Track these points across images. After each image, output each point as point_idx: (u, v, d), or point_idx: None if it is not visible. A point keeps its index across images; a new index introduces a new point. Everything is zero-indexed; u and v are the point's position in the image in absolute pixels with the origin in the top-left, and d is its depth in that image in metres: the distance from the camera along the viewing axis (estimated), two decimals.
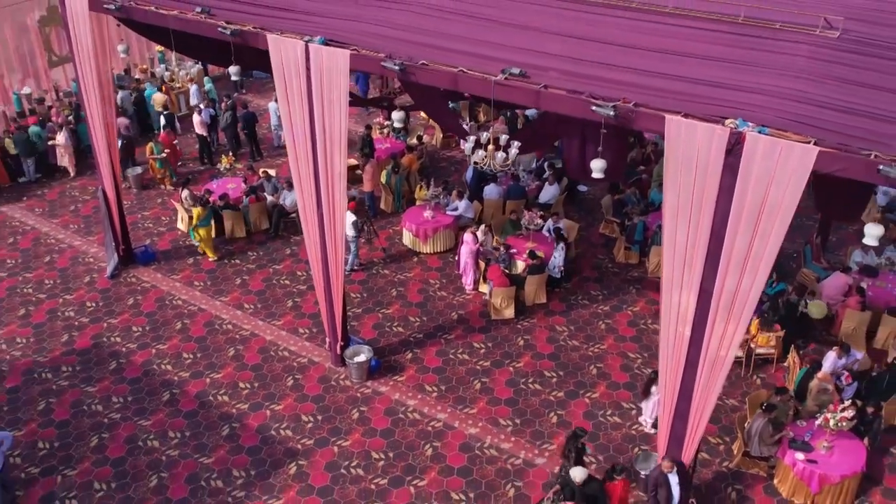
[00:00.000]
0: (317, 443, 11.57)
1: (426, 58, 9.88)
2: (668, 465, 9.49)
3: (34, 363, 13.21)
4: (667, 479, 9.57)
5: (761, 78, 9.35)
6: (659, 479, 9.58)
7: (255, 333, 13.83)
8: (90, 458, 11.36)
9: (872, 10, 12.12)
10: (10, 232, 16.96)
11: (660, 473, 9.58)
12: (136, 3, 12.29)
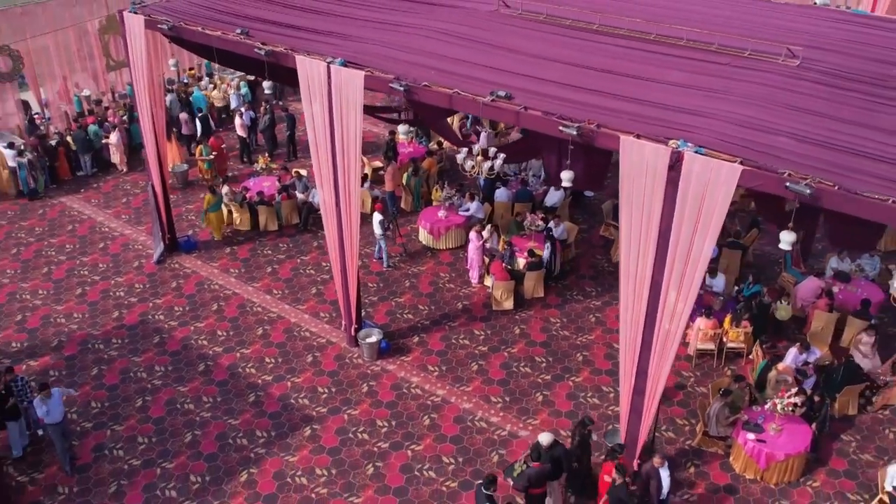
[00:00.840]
0: (329, 411, 13.24)
1: (430, 79, 11.48)
2: (659, 460, 10.72)
3: (88, 335, 15.10)
4: (658, 473, 10.77)
5: (718, 104, 10.77)
6: (651, 472, 10.77)
7: (282, 316, 15.56)
8: (135, 416, 13.18)
9: (834, 40, 13.41)
10: (69, 220, 18.96)
11: (651, 467, 10.78)
12: (185, 23, 14.09)
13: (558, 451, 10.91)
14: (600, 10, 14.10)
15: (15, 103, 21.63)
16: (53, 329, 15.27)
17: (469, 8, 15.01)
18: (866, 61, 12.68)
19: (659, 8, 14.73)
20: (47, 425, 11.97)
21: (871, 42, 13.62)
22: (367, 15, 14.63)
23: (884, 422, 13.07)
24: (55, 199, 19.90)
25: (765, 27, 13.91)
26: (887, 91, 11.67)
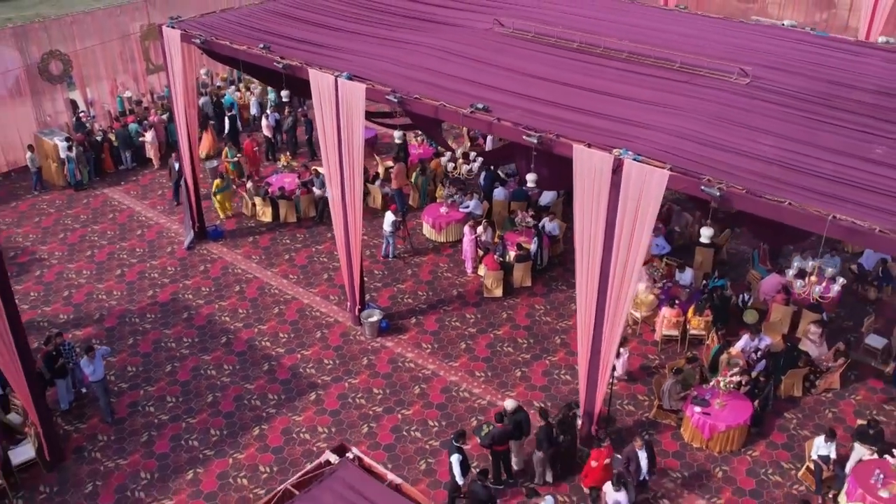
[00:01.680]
0: (333, 379, 15.12)
1: (422, 92, 13.30)
2: (639, 443, 12.18)
3: (126, 310, 17.15)
4: (637, 454, 12.21)
5: (665, 118, 12.45)
6: (630, 454, 12.23)
7: (296, 297, 17.48)
8: (165, 379, 15.17)
9: (789, 61, 14.99)
10: (111, 209, 21.08)
11: (631, 449, 12.23)
12: (215, 38, 16.07)
13: (520, 416, 12.65)
14: (582, 30, 15.87)
15: (64, 102, 23.85)
16: (95, 304, 17.35)
17: (468, 27, 16.85)
18: (817, 81, 14.24)
19: (634, 27, 16.48)
20: (92, 382, 13.98)
21: (825, 63, 15.18)
22: (376, 32, 16.53)
23: (825, 403, 14.61)
24: (98, 190, 22.05)
25: (727, 47, 15.56)
26: (832, 111, 13.19)
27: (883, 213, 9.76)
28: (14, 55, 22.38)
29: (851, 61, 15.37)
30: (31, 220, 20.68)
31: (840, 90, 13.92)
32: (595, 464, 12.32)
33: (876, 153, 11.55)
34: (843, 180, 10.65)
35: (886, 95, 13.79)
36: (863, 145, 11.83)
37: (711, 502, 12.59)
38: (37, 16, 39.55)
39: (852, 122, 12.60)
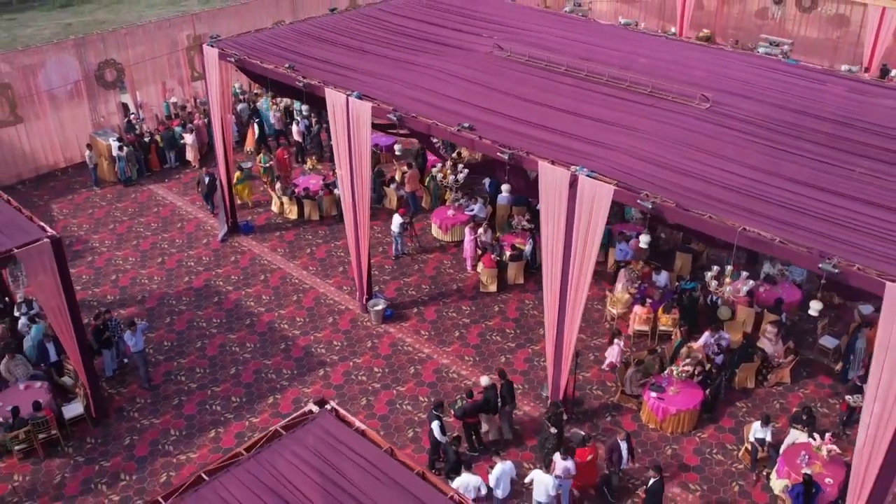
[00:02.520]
0: (340, 359, 17.27)
1: (420, 111, 15.37)
2: (621, 435, 13.85)
3: (164, 293, 19.54)
4: (619, 445, 13.63)
5: (624, 138, 14.33)
6: (613, 445, 13.92)
7: (313, 287, 19.69)
8: (195, 353, 17.48)
9: (756, 88, 16.71)
10: (155, 204, 23.55)
11: (615, 441, 13.94)
12: (248, 56, 18.34)
13: (490, 392, 14.63)
14: (573, 55, 17.80)
15: (116, 106, 26.43)
16: (138, 287, 19.76)
17: (471, 50, 18.87)
18: (776, 108, 15.94)
19: (622, 53, 18.32)
20: (133, 353, 16.34)
21: (789, 91, 16.86)
22: (388, 53, 18.65)
23: (775, 395, 16.33)
24: (145, 186, 24.56)
25: (703, 74, 17.34)
26: (783, 136, 14.89)
27: (790, 227, 11.54)
28: (74, 63, 24.99)
29: (815, 90, 16.99)
30: (85, 211, 23.25)
31: (797, 118, 15.56)
32: (579, 461, 13.64)
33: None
34: (763, 197, 12.42)
35: (842, 125, 15.33)
36: (799, 168, 13.55)
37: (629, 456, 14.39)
38: (94, 21, 42.61)
39: (799, 148, 14.27)
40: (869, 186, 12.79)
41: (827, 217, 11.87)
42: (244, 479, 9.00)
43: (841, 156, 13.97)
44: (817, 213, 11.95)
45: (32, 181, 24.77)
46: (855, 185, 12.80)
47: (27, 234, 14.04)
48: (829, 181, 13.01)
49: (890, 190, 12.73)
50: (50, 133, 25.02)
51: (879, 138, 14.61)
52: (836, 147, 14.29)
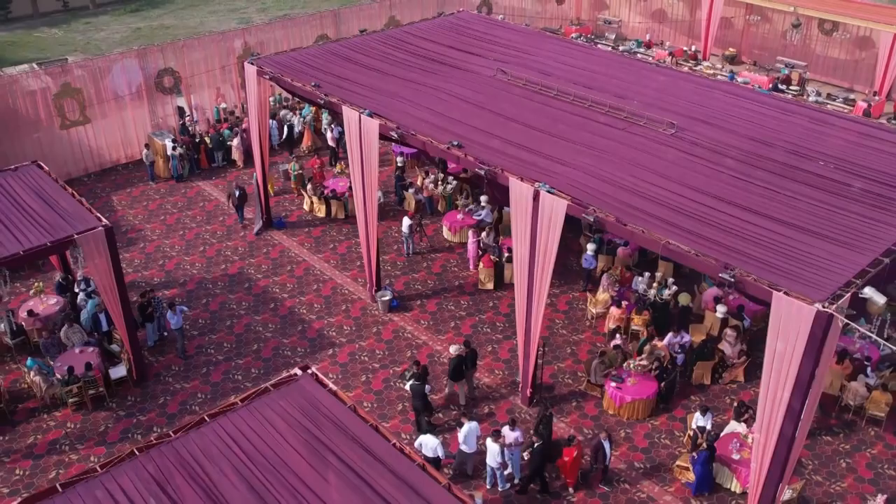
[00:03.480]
0: (347, 341, 19.79)
1: (420, 129, 17.76)
2: (604, 434, 15.81)
3: (203, 278, 22.35)
4: (602, 445, 15.36)
5: (589, 159, 16.47)
6: (598, 444, 15.81)
7: (332, 278, 22.26)
8: (224, 330, 20.21)
9: (725, 116, 18.60)
10: (201, 199, 26.48)
11: (598, 441, 15.81)
12: (281, 74, 21.00)
13: (456, 361, 16.97)
14: (566, 79, 19.98)
15: (173, 109, 29.48)
16: (181, 272, 22.64)
17: (478, 73, 21.19)
18: (739, 137, 17.77)
19: (612, 79, 20.42)
20: (172, 329, 19.13)
21: (754, 120, 18.67)
22: (403, 73, 21.10)
23: (728, 391, 18.25)
24: (194, 182, 27.53)
25: (681, 101, 19.30)
26: (741, 165, 16.74)
27: (708, 242, 13.58)
28: (137, 70, 28.10)
29: (780, 120, 18.74)
30: (140, 203, 26.31)
31: (754, 145, 17.39)
32: (567, 458, 15.53)
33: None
34: (695, 215, 14.45)
35: (797, 156, 17.10)
36: (737, 191, 15.50)
37: (616, 454, 16.53)
38: (160, 26, 46.15)
39: (747, 174, 16.09)
40: (795, 210, 14.68)
41: (745, 235, 13.84)
42: (236, 422, 11.55)
43: (786, 183, 15.80)
44: (738, 232, 13.93)
45: (97, 174, 27.97)
46: (781, 209, 14.70)
47: (86, 222, 16.90)
48: (761, 204, 14.92)
49: (817, 216, 14.55)
50: (114, 132, 28.19)
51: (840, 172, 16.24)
52: (782, 175, 16.12)
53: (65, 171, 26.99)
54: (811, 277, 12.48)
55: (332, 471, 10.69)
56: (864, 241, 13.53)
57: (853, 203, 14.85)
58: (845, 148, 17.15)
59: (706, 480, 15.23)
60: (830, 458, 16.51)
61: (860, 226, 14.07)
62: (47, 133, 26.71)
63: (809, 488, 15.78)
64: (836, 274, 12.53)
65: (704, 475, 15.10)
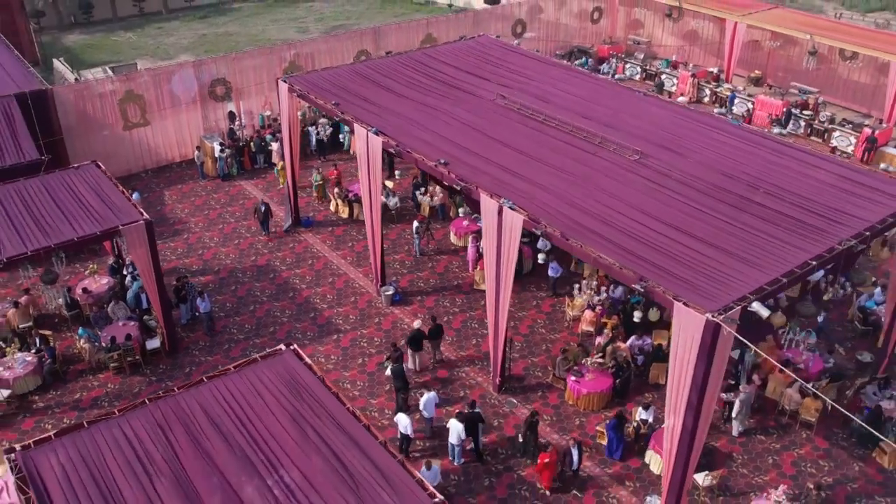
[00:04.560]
0: (351, 328, 22.60)
1: (417, 146, 20.41)
2: (572, 442, 17.73)
3: (234, 267, 25.48)
4: (570, 451, 17.25)
5: (554, 179, 18.83)
6: (566, 450, 17.93)
7: (346, 273, 25.12)
8: (247, 314, 23.26)
9: (692, 146, 20.69)
10: (242, 197, 29.69)
11: (567, 448, 18.01)
12: (307, 92, 23.94)
13: (417, 333, 19.77)
14: (558, 105, 22.37)
15: (224, 115, 32.82)
16: (217, 261, 25.83)
17: (481, 97, 23.73)
18: (699, 166, 19.81)
19: (601, 107, 22.68)
20: (202, 311, 22.25)
21: (719, 150, 20.66)
22: (413, 95, 23.80)
23: None
24: (237, 181, 30.79)
25: (650, 129, 21.45)
26: (693, 192, 18.81)
27: (634, 257, 15.87)
28: (193, 79, 31.50)
29: (744, 151, 20.64)
30: (189, 198, 29.68)
31: (708, 173, 19.40)
32: (547, 461, 17.52)
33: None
34: (631, 233, 16.72)
35: (753, 189, 19.06)
36: (680, 215, 17.67)
37: (563, 437, 18.91)
38: (225, 33, 49.88)
39: (697, 201, 18.13)
40: (718, 231, 16.80)
41: (667, 251, 16.04)
42: (227, 384, 14.45)
43: (716, 205, 17.85)
44: (661, 248, 16.15)
45: (154, 171, 31.50)
46: (705, 228, 16.84)
47: (130, 215, 20.10)
48: (688, 223, 17.00)
49: (736, 237, 16.62)
50: (170, 133, 31.66)
51: (773, 199, 18.23)
52: (716, 198, 18.18)
53: (126, 167, 30.63)
54: (711, 291, 14.69)
55: (292, 422, 13.49)
56: (771, 262, 15.62)
57: (774, 227, 16.89)
58: (786, 177, 19.07)
59: (617, 444, 18.09)
60: (760, 454, 18.55)
61: (774, 248, 16.14)
62: (112, 133, 30.30)
63: (734, 479, 17.89)
64: (733, 289, 14.71)
65: (615, 439, 18.02)
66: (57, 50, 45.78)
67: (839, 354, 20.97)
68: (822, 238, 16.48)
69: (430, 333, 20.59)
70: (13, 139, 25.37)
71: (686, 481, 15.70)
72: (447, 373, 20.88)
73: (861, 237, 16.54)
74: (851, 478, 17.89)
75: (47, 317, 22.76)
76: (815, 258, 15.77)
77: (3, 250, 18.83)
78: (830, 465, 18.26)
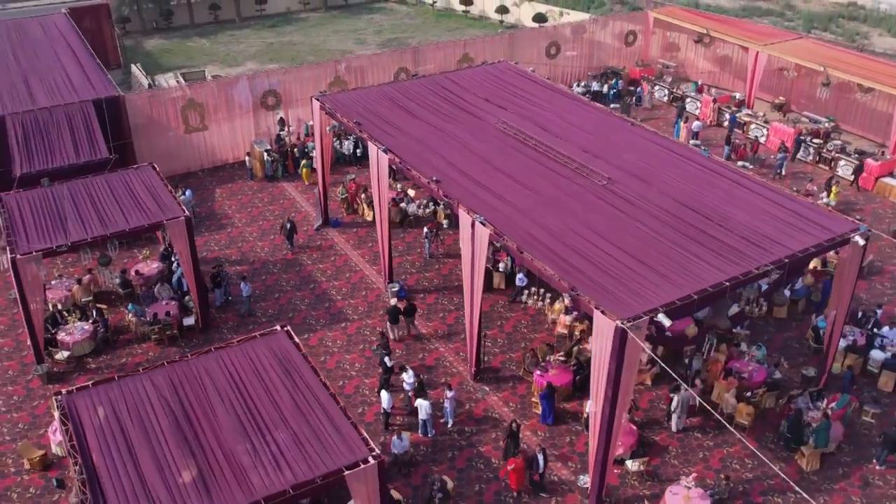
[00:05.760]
0: (358, 318, 26.00)
1: (417, 163, 23.65)
2: (537, 449, 21.10)
3: (267, 260, 29.20)
4: (536, 456, 19.37)
5: (525, 199, 21.77)
6: (532, 456, 20.59)
7: (362, 269, 28.55)
8: (272, 301, 26.91)
9: (658, 172, 23.34)
10: (283, 197, 33.48)
11: (533, 454, 20.94)
12: (335, 111, 27.46)
13: (393, 309, 23.06)
14: (551, 132, 25.26)
15: (274, 122, 36.72)
16: (253, 254, 29.63)
17: (485, 121, 26.81)
18: (663, 196, 22.34)
19: (584, 133, 25.49)
20: (243, 295, 25.95)
21: (688, 183, 23.17)
22: (425, 116, 27.05)
23: (634, 391, 23.05)
24: (280, 183, 34.62)
25: (626, 157, 24.14)
26: (652, 219, 21.48)
27: (575, 270, 18.74)
28: (248, 91, 35.48)
29: (703, 181, 23.08)
30: (236, 196, 33.65)
31: (667, 202, 21.93)
32: (511, 467, 19.29)
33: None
34: (578, 250, 19.55)
35: (705, 218, 21.51)
36: (627, 237, 20.41)
37: (522, 421, 21.85)
38: (290, 42, 54.05)
39: (639, 220, 20.89)
40: (652, 251, 19.45)
41: (603, 266, 18.83)
42: (230, 355, 18.00)
43: (670, 232, 20.51)
44: (599, 263, 18.96)
45: (209, 170, 35.63)
46: (642, 247, 19.52)
47: (174, 212, 23.97)
48: (628, 243, 19.72)
49: (668, 257, 19.25)
50: (224, 138, 35.73)
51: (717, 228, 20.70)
52: (673, 226, 20.80)
53: (185, 166, 34.86)
54: (628, 302, 17.49)
55: (275, 385, 16.96)
56: (688, 280, 18.28)
57: (703, 249, 19.49)
58: (731, 205, 21.50)
59: (549, 411, 21.41)
60: (693, 449, 21.15)
61: (696, 268, 18.76)
62: (175, 135, 34.52)
63: (664, 468, 20.55)
64: (648, 301, 17.48)
65: (547, 407, 21.38)
66: (138, 53, 50.75)
67: (783, 368, 23.28)
68: (743, 262, 19.01)
69: (405, 311, 24.23)
70: (88, 139, 29.72)
71: (608, 458, 18.48)
72: (433, 361, 24.06)
73: (779, 263, 19.00)
74: (770, 475, 20.31)
75: (104, 293, 26.92)
76: (730, 279, 18.35)
77: (69, 235, 22.93)
78: (754, 462, 20.70)
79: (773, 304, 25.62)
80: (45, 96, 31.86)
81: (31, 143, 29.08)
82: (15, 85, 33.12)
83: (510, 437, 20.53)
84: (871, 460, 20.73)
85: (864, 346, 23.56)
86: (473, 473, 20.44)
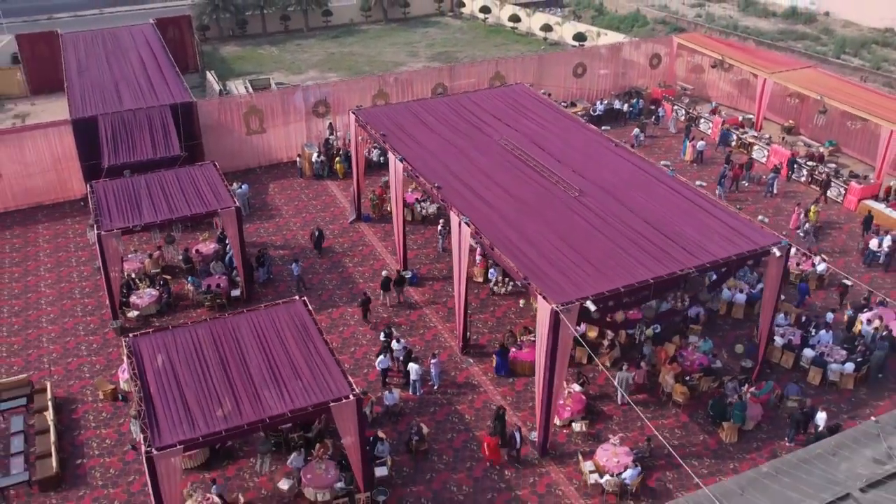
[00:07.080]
0: (376, 298, 30.98)
1: (424, 170, 28.51)
2: (516, 427, 25.73)
3: (305, 246, 34.44)
4: (514, 434, 24.76)
5: (505, 204, 26.41)
6: (511, 434, 25.63)
7: (384, 258, 33.53)
8: (307, 279, 32.18)
9: (626, 188, 27.67)
10: (325, 194, 38.80)
11: (511, 432, 25.94)
12: (366, 124, 32.55)
13: (385, 281, 28.04)
14: (547, 149, 29.80)
15: (324, 127, 42.10)
16: (294, 242, 34.99)
17: (490, 138, 31.50)
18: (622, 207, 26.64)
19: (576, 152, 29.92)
20: (295, 275, 31.27)
21: (651, 197, 27.40)
22: (440, 130, 31.89)
23: (594, 369, 27.42)
24: (325, 181, 39.99)
25: (604, 174, 28.49)
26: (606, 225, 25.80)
27: (537, 268, 23.30)
28: (301, 100, 40.96)
29: (660, 197, 27.20)
30: (286, 191, 39.14)
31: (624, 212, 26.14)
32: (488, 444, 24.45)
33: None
34: (543, 251, 24.11)
35: (651, 226, 25.66)
36: (580, 237, 24.82)
37: (498, 389, 26.49)
38: (350, 52, 59.52)
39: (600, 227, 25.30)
40: (600, 252, 23.85)
41: (557, 262, 23.32)
42: (259, 316, 23.27)
43: (619, 237, 24.87)
44: (553, 259, 23.44)
45: (265, 168, 41.27)
46: (591, 249, 23.92)
47: (227, 202, 29.45)
48: (582, 244, 24.25)
49: (615, 258, 23.67)
50: (280, 140, 41.31)
51: (658, 235, 24.96)
52: (623, 233, 25.16)
53: (245, 163, 40.59)
54: (568, 290, 21.98)
55: (289, 340, 22.12)
56: (621, 276, 22.65)
57: (642, 253, 23.78)
58: (679, 217, 25.67)
59: (502, 364, 26.27)
60: (633, 419, 25.43)
61: (631, 267, 23.06)
62: (237, 137, 40.24)
63: (605, 432, 24.90)
64: (583, 291, 21.95)
65: (501, 362, 26.22)
66: (214, 59, 57.02)
67: (723, 358, 27.33)
68: (671, 264, 23.26)
69: (395, 281, 29.41)
70: (164, 138, 35.56)
71: (550, 417, 23.03)
72: (430, 336, 28.90)
73: (701, 267, 23.23)
74: (694, 444, 24.49)
75: (170, 267, 32.67)
76: (655, 278, 22.66)
77: (143, 218, 28.64)
78: (683, 433, 24.90)
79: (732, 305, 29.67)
80: (131, 99, 37.89)
81: (117, 140, 35.06)
82: (107, 88, 39.31)
83: (497, 420, 24.70)
84: (784, 438, 24.67)
85: (798, 345, 27.38)
86: (448, 425, 25.24)
